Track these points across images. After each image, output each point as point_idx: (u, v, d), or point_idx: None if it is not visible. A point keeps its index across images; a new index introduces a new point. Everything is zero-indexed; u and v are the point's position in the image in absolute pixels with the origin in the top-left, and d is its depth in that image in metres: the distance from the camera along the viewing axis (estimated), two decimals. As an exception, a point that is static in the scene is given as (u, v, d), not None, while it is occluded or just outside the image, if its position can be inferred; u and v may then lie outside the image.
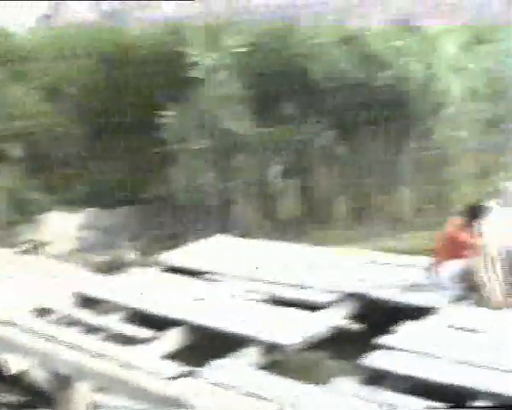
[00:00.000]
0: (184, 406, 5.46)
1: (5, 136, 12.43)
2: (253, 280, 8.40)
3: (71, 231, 12.11)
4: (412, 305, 7.28)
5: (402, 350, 6.16)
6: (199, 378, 5.93)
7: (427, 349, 6.14)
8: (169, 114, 11.51)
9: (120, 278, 9.15)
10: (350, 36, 12.69)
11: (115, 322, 7.61)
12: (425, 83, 11.96)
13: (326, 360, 6.90)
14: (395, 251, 9.48)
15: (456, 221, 7.81)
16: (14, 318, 7.40)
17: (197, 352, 6.81)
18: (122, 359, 6.29)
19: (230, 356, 6.44)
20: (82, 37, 13.97)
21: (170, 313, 7.50)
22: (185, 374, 5.98)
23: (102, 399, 6.42)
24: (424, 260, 8.03)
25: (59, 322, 7.67)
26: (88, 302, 8.25)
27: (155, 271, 9.29)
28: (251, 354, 6.56)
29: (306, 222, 11.22)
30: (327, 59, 12.09)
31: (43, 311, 7.95)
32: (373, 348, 6.21)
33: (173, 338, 7.10)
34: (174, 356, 6.69)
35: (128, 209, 12.33)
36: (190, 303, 7.80)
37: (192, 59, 11.57)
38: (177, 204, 11.46)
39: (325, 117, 11.75)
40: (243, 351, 6.56)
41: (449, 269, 7.51)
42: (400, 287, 7.75)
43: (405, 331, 6.55)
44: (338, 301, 7.57)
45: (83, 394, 6.39)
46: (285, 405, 5.33)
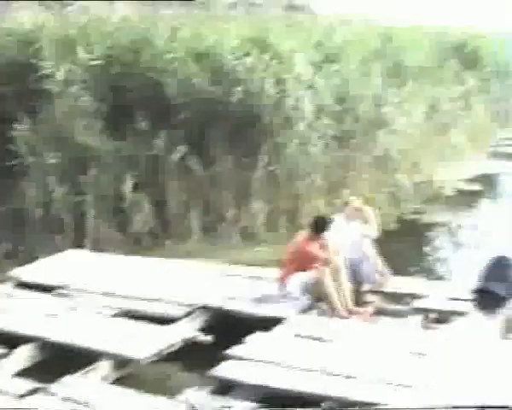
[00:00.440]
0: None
1: None
2: (106, 294, 8.37)
3: None
4: (262, 316, 7.50)
5: (251, 360, 6.36)
6: (50, 395, 5.90)
7: (274, 358, 6.36)
8: (22, 127, 11.29)
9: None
10: (203, 51, 12.87)
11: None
12: (276, 99, 12.28)
13: (178, 373, 7.00)
14: (247, 264, 9.73)
15: (304, 234, 8.12)
16: None
17: (49, 368, 6.73)
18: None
19: (83, 371, 6.42)
20: None
21: (21, 330, 7.36)
22: (36, 391, 5.93)
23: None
24: (274, 272, 8.28)
25: None
26: None
27: (6, 287, 9.08)
28: (103, 369, 6.56)
29: (160, 236, 11.28)
30: (180, 74, 12.20)
31: None
32: (223, 359, 6.38)
33: (25, 355, 6.97)
34: (25, 373, 6.60)
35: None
36: (42, 319, 7.69)
37: (45, 71, 11.40)
38: (30, 218, 11.23)
39: (179, 131, 11.85)
40: (96, 366, 6.55)
41: (297, 280, 7.78)
42: (251, 299, 7.98)
43: (254, 342, 6.75)
44: (190, 313, 7.68)
45: None
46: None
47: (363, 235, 8.41)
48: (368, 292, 8.39)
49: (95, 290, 8.52)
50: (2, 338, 7.26)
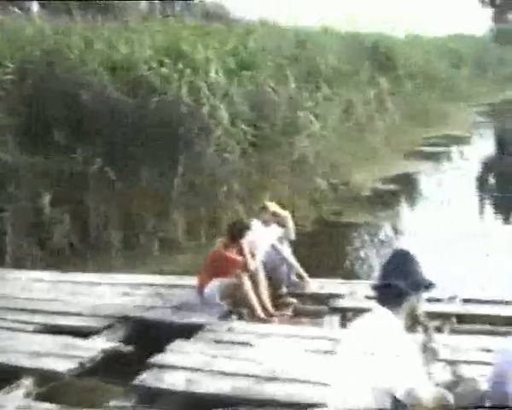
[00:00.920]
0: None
1: None
2: (26, 310, 8.33)
3: None
4: (182, 323, 7.60)
5: (172, 368, 6.45)
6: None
7: (196, 365, 6.47)
8: None
9: None
10: (118, 63, 12.89)
11: None
12: (192, 107, 12.38)
13: (102, 385, 7.01)
14: (168, 273, 9.80)
15: (222, 240, 8.24)
16: None
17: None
18: None
19: (6, 389, 6.39)
20: None
21: None
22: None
23: None
24: (194, 280, 8.38)
25: None
26: None
27: None
28: (26, 385, 6.54)
29: (80, 249, 11.22)
30: (96, 86, 12.19)
31: None
32: (146, 368, 6.45)
33: None
34: None
35: None
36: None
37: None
38: None
39: (96, 144, 11.84)
40: (18, 383, 6.52)
41: (216, 286, 7.89)
42: (171, 307, 8.06)
43: (175, 349, 6.84)
44: (110, 326, 7.71)
45: None
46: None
47: (280, 239, 8.57)
48: (286, 295, 8.56)
49: (14, 306, 8.45)
50: None
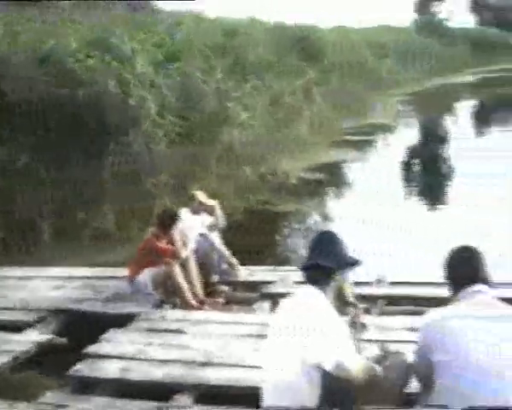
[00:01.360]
0: None
1: None
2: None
3: None
4: (115, 313, 7.66)
5: (107, 357, 6.52)
6: None
7: (130, 353, 6.55)
8: None
9: None
10: (45, 55, 12.81)
11: None
12: (120, 99, 12.40)
13: (36, 377, 7.02)
14: (100, 265, 9.82)
15: (153, 230, 8.30)
16: None
17: None
18: None
19: None
20: None
21: None
22: None
23: None
24: (126, 271, 8.44)
25: None
26: None
27: None
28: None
29: (10, 244, 11.13)
30: (23, 78, 12.09)
31: None
32: (81, 359, 6.50)
33: None
34: None
35: None
36: None
37: None
38: None
39: (24, 136, 11.76)
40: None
41: (147, 276, 7.97)
42: (103, 298, 8.12)
43: (109, 339, 6.91)
44: (44, 318, 7.71)
45: None
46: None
47: (210, 227, 8.70)
48: (218, 283, 8.70)
49: None
50: None
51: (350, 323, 4.51)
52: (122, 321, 7.36)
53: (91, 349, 6.67)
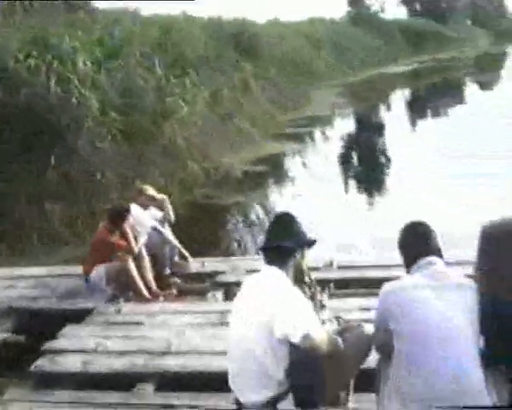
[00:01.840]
0: None
1: None
2: None
3: None
4: (71, 309, 7.73)
5: (67, 351, 6.61)
6: None
7: (88, 347, 6.66)
8: None
9: None
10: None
11: None
12: (62, 98, 12.40)
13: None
14: (51, 265, 9.81)
15: (104, 226, 8.37)
16: None
17: None
18: None
19: None
20: None
21: None
22: None
23: None
24: (79, 268, 8.50)
25: None
26: None
27: None
28: None
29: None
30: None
31: None
32: (40, 355, 6.57)
33: None
34: None
35: None
36: None
37: None
38: None
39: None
40: None
41: (101, 272, 8.04)
42: (58, 296, 8.17)
43: (67, 334, 7.00)
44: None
45: None
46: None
47: (160, 221, 8.82)
48: (170, 275, 8.83)
49: None
50: None
51: (309, 299, 4.68)
52: (78, 317, 7.44)
53: (50, 345, 6.74)
